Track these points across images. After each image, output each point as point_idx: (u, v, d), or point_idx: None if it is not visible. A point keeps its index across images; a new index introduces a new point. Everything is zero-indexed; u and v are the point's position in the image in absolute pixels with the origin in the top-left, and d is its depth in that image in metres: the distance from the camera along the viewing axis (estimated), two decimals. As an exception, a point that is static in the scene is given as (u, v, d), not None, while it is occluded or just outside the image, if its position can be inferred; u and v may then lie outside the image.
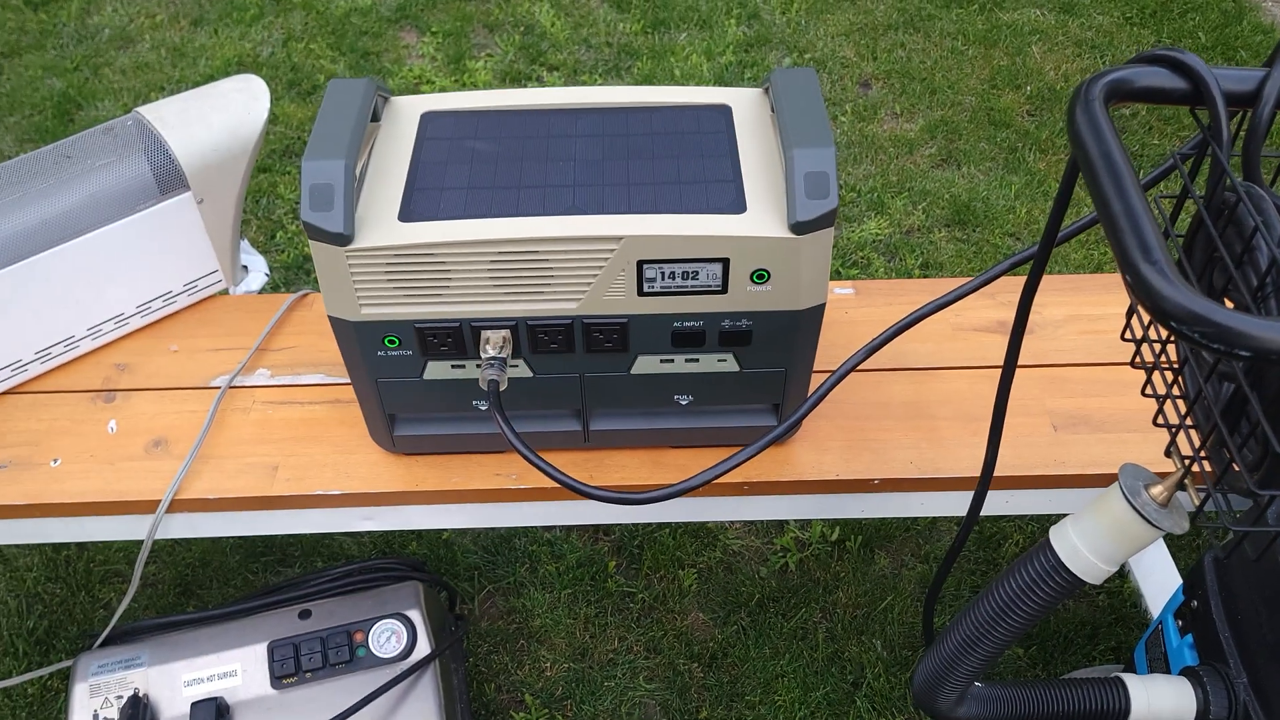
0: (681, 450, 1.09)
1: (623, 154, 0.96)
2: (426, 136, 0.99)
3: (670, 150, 0.97)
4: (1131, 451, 1.07)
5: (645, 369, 0.99)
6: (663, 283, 0.92)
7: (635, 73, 2.37)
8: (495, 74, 2.40)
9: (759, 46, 2.44)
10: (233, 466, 1.07)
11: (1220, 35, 2.40)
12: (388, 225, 0.90)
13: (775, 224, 0.89)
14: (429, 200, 0.92)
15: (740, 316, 0.95)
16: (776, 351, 0.98)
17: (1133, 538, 0.70)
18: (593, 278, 0.91)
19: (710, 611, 1.43)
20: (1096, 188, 0.60)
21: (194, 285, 1.22)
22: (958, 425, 1.10)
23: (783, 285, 0.92)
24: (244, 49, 2.45)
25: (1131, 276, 0.55)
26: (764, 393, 1.03)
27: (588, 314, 0.94)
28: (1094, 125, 0.62)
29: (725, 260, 0.90)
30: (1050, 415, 1.11)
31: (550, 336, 0.96)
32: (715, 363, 0.99)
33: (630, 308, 0.93)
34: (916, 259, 1.90)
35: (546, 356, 0.98)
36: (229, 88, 1.20)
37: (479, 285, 0.91)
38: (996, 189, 2.03)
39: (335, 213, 0.87)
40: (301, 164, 0.87)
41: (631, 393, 1.02)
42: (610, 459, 1.08)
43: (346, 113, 0.92)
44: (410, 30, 2.54)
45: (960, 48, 2.40)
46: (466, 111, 1.02)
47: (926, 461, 1.07)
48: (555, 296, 0.92)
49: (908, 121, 2.22)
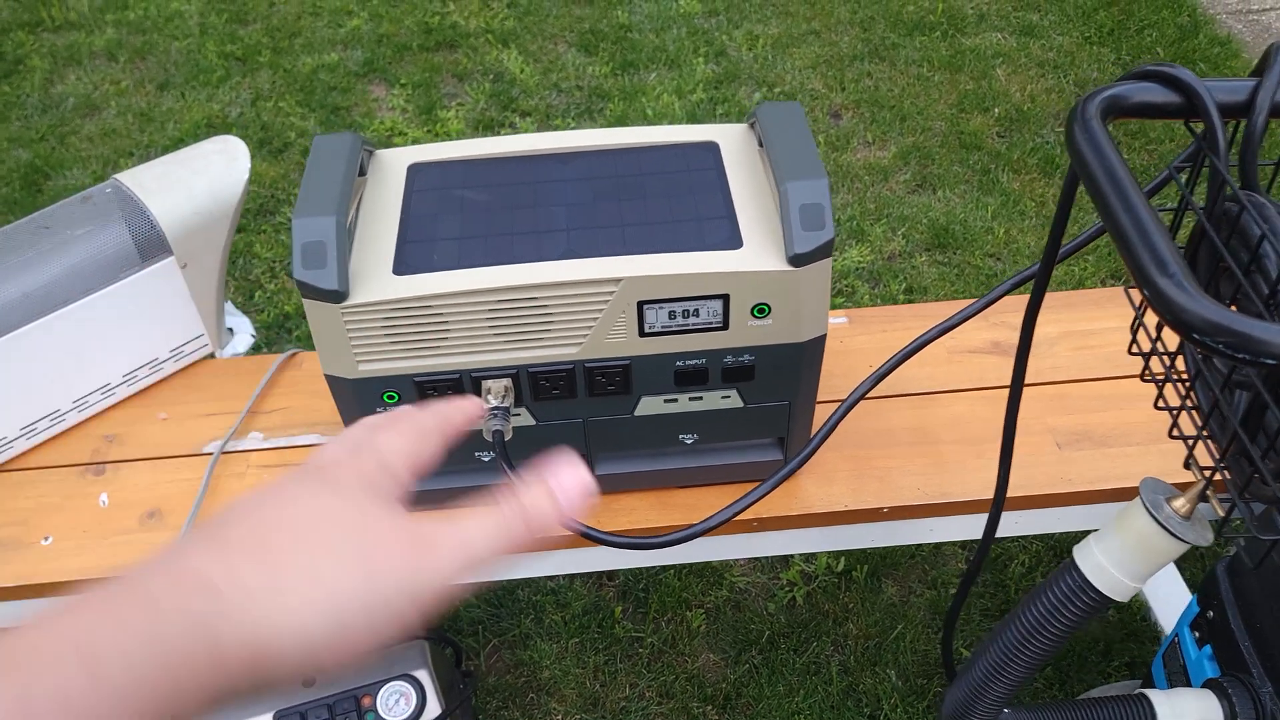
0: (688, 490, 1.08)
1: (614, 195, 0.96)
2: (415, 188, 0.98)
3: (661, 190, 0.96)
4: (1136, 465, 1.07)
5: (649, 410, 0.98)
6: (664, 322, 0.91)
7: (608, 114, 2.38)
8: (468, 122, 2.40)
9: (728, 83, 2.46)
10: (231, 534, 1.04)
11: (1178, 49, 2.45)
12: (382, 279, 0.88)
13: (773, 258, 0.88)
14: (422, 252, 0.91)
15: (742, 352, 0.94)
16: (780, 385, 0.98)
17: (1158, 552, 0.69)
18: (593, 321, 0.90)
19: (721, 651, 1.41)
20: (1104, 204, 0.60)
21: (180, 351, 1.20)
22: (962, 449, 1.10)
23: (783, 318, 0.91)
24: (212, 110, 2.45)
25: (1149, 291, 0.54)
26: (768, 427, 1.02)
27: (589, 358, 0.93)
28: (1094, 142, 0.62)
29: (725, 296, 0.90)
30: (1053, 433, 1.11)
31: (552, 383, 0.94)
32: (719, 399, 0.98)
33: (632, 349, 0.93)
34: (900, 284, 1.90)
35: (549, 403, 0.97)
36: (208, 150, 1.19)
37: (478, 335, 0.90)
38: (973, 211, 2.04)
39: (329, 270, 0.86)
40: (291, 222, 0.86)
41: (636, 435, 1.01)
42: (617, 503, 1.07)
43: (333, 168, 0.91)
44: (379, 83, 2.55)
45: (926, 74, 2.43)
46: (453, 161, 1.01)
47: (934, 487, 1.06)
48: (556, 342, 0.91)
49: (880, 149, 2.24)
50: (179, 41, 2.67)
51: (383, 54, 2.61)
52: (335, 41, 2.67)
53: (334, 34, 2.69)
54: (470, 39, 2.66)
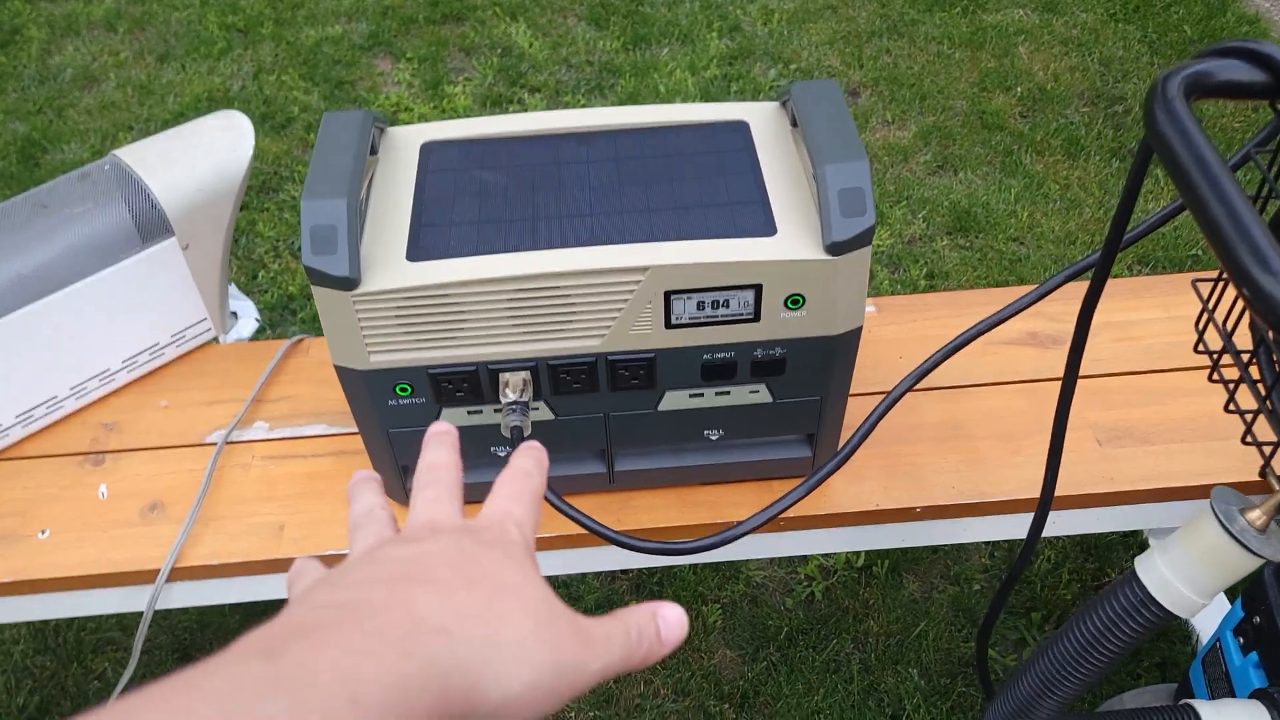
0: (711, 487, 1.04)
1: (640, 178, 0.91)
2: (429, 168, 0.93)
3: (689, 172, 0.91)
4: (1181, 463, 1.02)
5: (674, 405, 0.94)
6: (691, 313, 0.86)
7: (619, 91, 2.32)
8: (475, 98, 2.34)
9: (743, 59, 2.40)
10: (236, 528, 1.00)
11: (1206, 27, 2.38)
12: (395, 266, 0.84)
13: (809, 245, 0.83)
14: (438, 236, 0.86)
15: (774, 345, 0.89)
16: (811, 380, 0.93)
17: (1230, 567, 0.65)
18: (618, 312, 0.85)
19: (738, 648, 1.37)
20: (1193, 194, 0.55)
21: (182, 336, 1.16)
22: (997, 445, 1.05)
23: (818, 310, 0.87)
24: (213, 84, 2.39)
25: (1249, 289, 0.50)
26: (798, 423, 0.98)
27: (613, 350, 0.88)
28: (1179, 125, 0.57)
29: (758, 286, 0.85)
30: (1093, 429, 1.06)
31: (573, 376, 0.90)
32: (747, 394, 0.94)
33: (658, 342, 0.88)
34: (921, 269, 1.85)
35: (569, 398, 0.92)
36: (211, 125, 1.13)
37: (496, 325, 0.85)
38: (995, 194, 1.99)
39: (339, 255, 0.81)
40: (301, 204, 0.81)
41: (659, 430, 0.96)
42: (637, 500, 1.02)
43: (344, 147, 0.86)
44: (384, 57, 2.49)
45: (946, 51, 2.37)
46: (469, 140, 0.96)
47: (969, 485, 1.02)
48: (578, 334, 0.86)
49: (900, 129, 2.18)
50: (179, 12, 2.61)
51: (388, 26, 2.55)
52: (339, 13, 2.60)
53: (338, 5, 2.62)
54: (478, 11, 2.59)
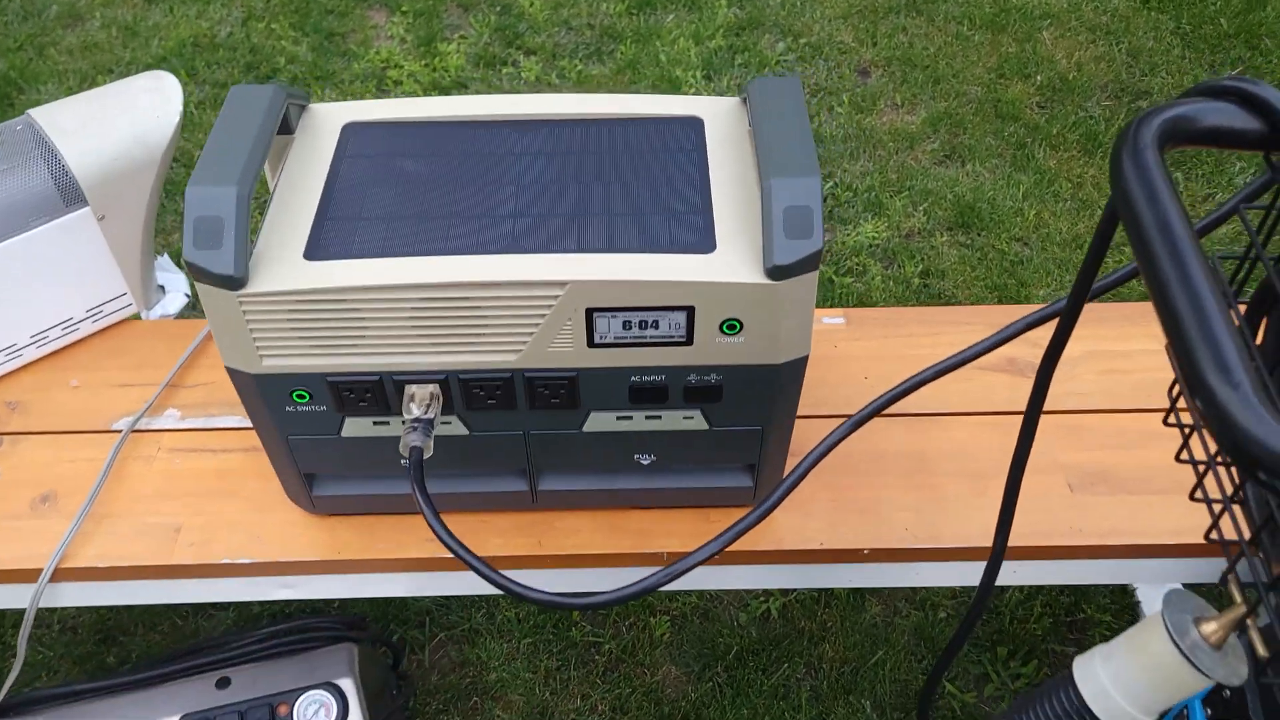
0: (644, 512, 0.96)
1: (576, 176, 0.82)
2: (347, 153, 0.85)
3: (631, 172, 0.82)
4: (1159, 518, 0.94)
5: (599, 427, 0.86)
6: (617, 333, 0.78)
7: (618, 57, 2.22)
8: (468, 58, 2.24)
9: (751, 29, 2.28)
10: (128, 528, 0.93)
11: (1243, 22, 2.25)
12: (290, 264, 0.75)
13: (748, 267, 0.75)
14: (342, 233, 0.78)
15: (708, 371, 0.81)
16: (752, 409, 0.85)
17: (1178, 685, 0.57)
18: (534, 327, 0.77)
19: (684, 664, 1.30)
20: (1152, 269, 0.46)
21: (99, 311, 1.08)
22: (961, 484, 0.97)
23: (758, 337, 0.78)
24: (200, 28, 2.29)
25: (1203, 402, 0.41)
26: (737, 453, 0.90)
27: (530, 367, 0.80)
28: (1147, 182, 0.48)
29: (690, 308, 0.76)
30: (1066, 471, 0.98)
31: (487, 392, 0.82)
32: (680, 420, 0.86)
33: (579, 360, 0.80)
34: (916, 266, 1.75)
35: (484, 413, 0.84)
36: (139, 87, 1.05)
37: (400, 334, 0.77)
38: (1003, 188, 1.88)
39: (224, 251, 0.73)
40: (185, 192, 0.73)
41: (584, 452, 0.88)
42: (562, 521, 0.95)
43: (245, 128, 0.78)
44: (379, 9, 2.38)
45: (966, 32, 2.24)
46: (397, 123, 0.87)
47: (925, 527, 0.94)
48: (491, 348, 0.78)
49: (909, 113, 2.07)
50: (171, -50, 2.51)
51: (386, -24, 2.44)
52: (337, -41, 2.50)
53: (336, -49, 2.52)
54: (480, -35, 2.48)
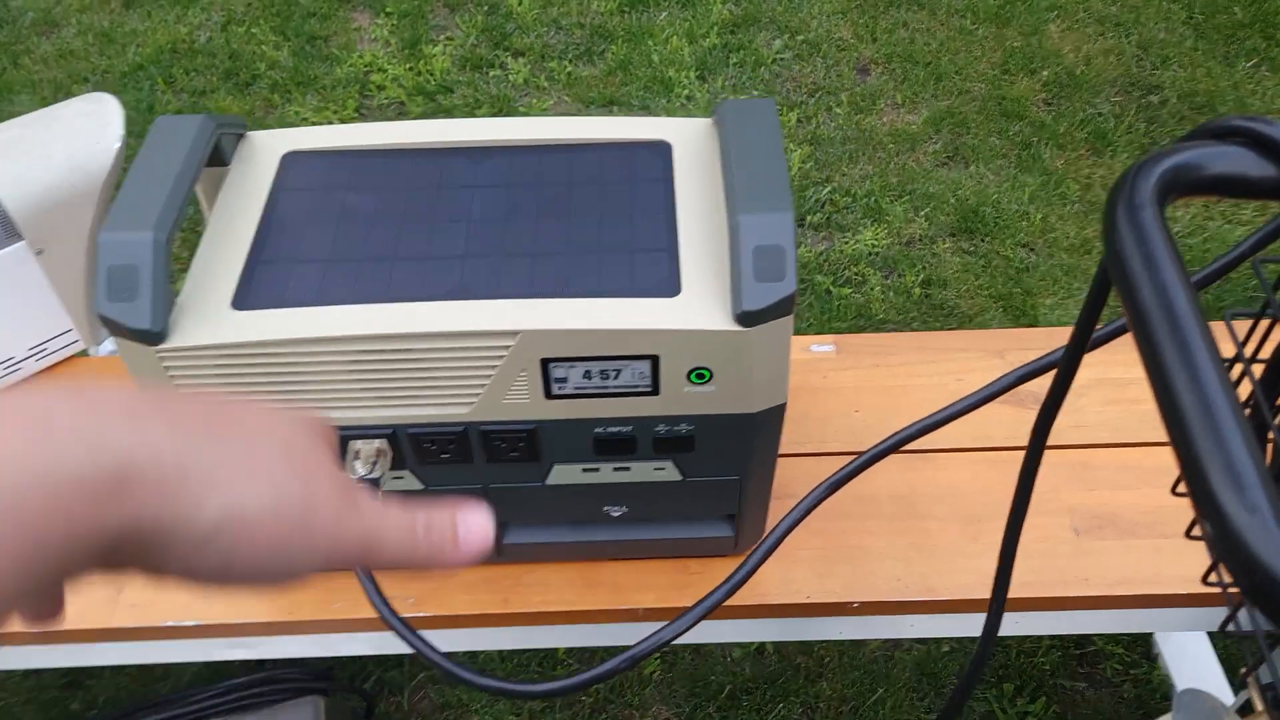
0: (618, 563, 0.90)
1: (531, 211, 0.76)
2: (285, 186, 0.78)
3: (591, 205, 0.76)
4: (1168, 563, 0.87)
5: (564, 479, 0.79)
6: (576, 383, 0.72)
7: (609, 58, 2.15)
8: (454, 60, 2.17)
9: (747, 27, 2.21)
10: (67, 588, 0.87)
11: (1258, 10, 2.16)
12: (216, 314, 0.69)
13: (715, 313, 0.68)
14: (274, 278, 0.72)
15: (678, 421, 0.75)
16: (727, 458, 0.78)
17: (1193, 799, 0.50)
18: (486, 379, 0.70)
19: (674, 705, 1.24)
20: (1152, 355, 0.39)
21: (43, 349, 1.02)
22: (956, 528, 0.90)
23: (729, 385, 0.72)
24: (178, 34, 2.23)
25: (1214, 526, 0.34)
26: (715, 503, 0.83)
27: (484, 420, 0.74)
28: (1146, 247, 0.41)
29: (654, 358, 0.70)
30: (1071, 514, 0.91)
31: (439, 446, 0.76)
32: (651, 471, 0.79)
33: (537, 412, 0.73)
34: (917, 275, 1.68)
35: (438, 468, 0.78)
36: (75, 111, 0.99)
37: (340, 389, 0.71)
38: (1008, 191, 1.81)
39: (140, 303, 0.67)
40: (98, 238, 0.67)
41: (550, 505, 0.82)
42: (530, 575, 0.89)
43: (166, 165, 0.72)
44: (364, 10, 2.32)
45: (969, 27, 2.16)
46: (339, 151, 0.81)
47: (917, 577, 0.87)
48: (441, 401, 0.72)
49: (910, 113, 1.99)
50: (150, -47, 2.45)
51: (370, -24, 2.37)
52: (320, -41, 2.43)
53: (320, -50, 2.45)
54: (467, -37, 2.41)
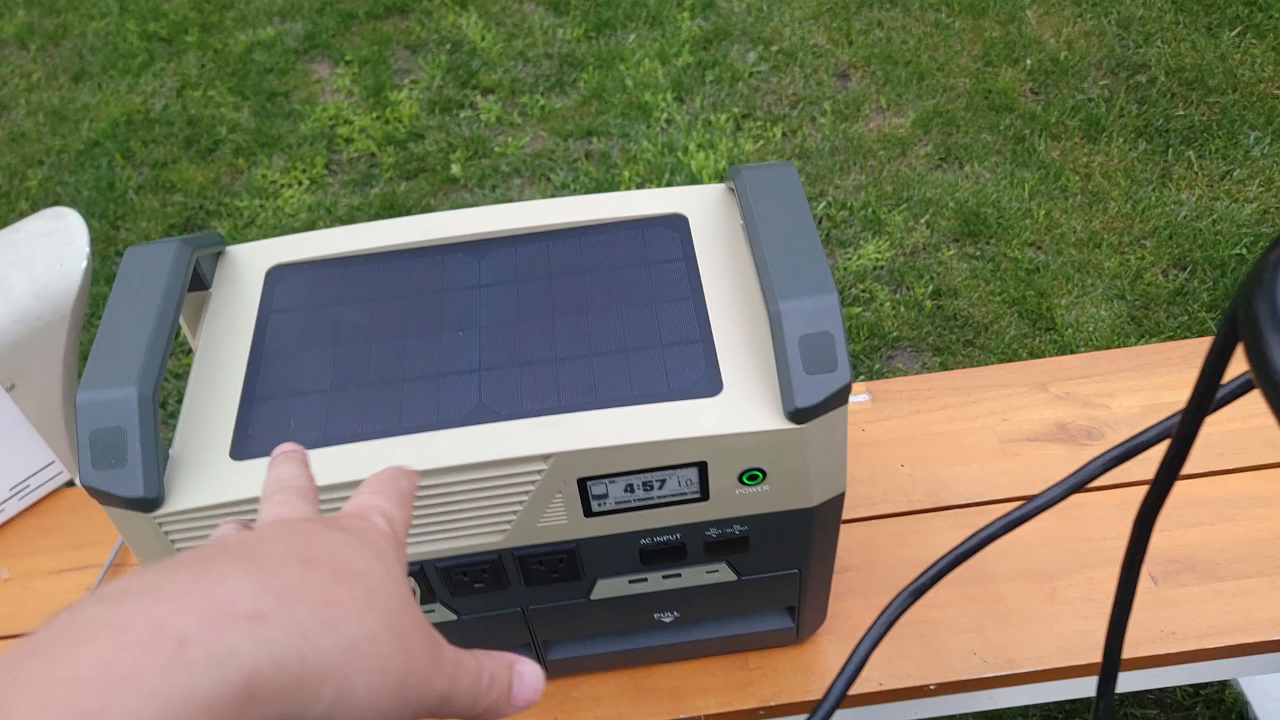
0: (672, 665, 0.83)
1: (545, 308, 0.69)
2: (273, 307, 0.72)
3: (610, 296, 0.70)
4: (1258, 606, 0.81)
5: (609, 593, 0.73)
6: (618, 498, 0.65)
7: (582, 87, 2.08)
8: (422, 104, 2.10)
9: (718, 41, 2.15)
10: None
11: (1237, -24, 2.11)
12: (215, 468, 0.63)
13: (764, 411, 0.62)
14: (274, 417, 0.65)
15: (731, 523, 0.68)
16: (785, 554, 0.72)
17: None
18: (519, 504, 0.64)
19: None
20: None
21: (25, 486, 0.95)
22: (1026, 588, 0.84)
23: (784, 483, 0.65)
24: (133, 104, 2.15)
25: None
26: (773, 598, 0.77)
27: (519, 545, 0.67)
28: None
29: (701, 464, 0.63)
30: (1147, 561, 0.85)
31: (472, 576, 0.69)
32: (704, 574, 0.73)
33: (577, 532, 0.67)
34: (926, 286, 1.63)
35: (472, 597, 0.71)
36: (34, 232, 0.92)
37: (358, 532, 0.64)
38: (1007, 189, 1.75)
39: (130, 469, 0.60)
40: (76, 400, 0.60)
41: (596, 619, 0.76)
42: (580, 688, 0.82)
43: (143, 306, 0.65)
44: (322, 61, 2.24)
45: (945, 20, 2.11)
46: (328, 260, 0.74)
47: (994, 650, 0.81)
48: (470, 532, 0.65)
49: (896, 115, 1.94)
50: (96, 22, 2.37)
51: (325, 25, 2.30)
52: (271, 12, 2.36)
53: (269, 3, 2.38)
54: (423, 1, 2.34)
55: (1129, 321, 1.53)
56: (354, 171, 1.99)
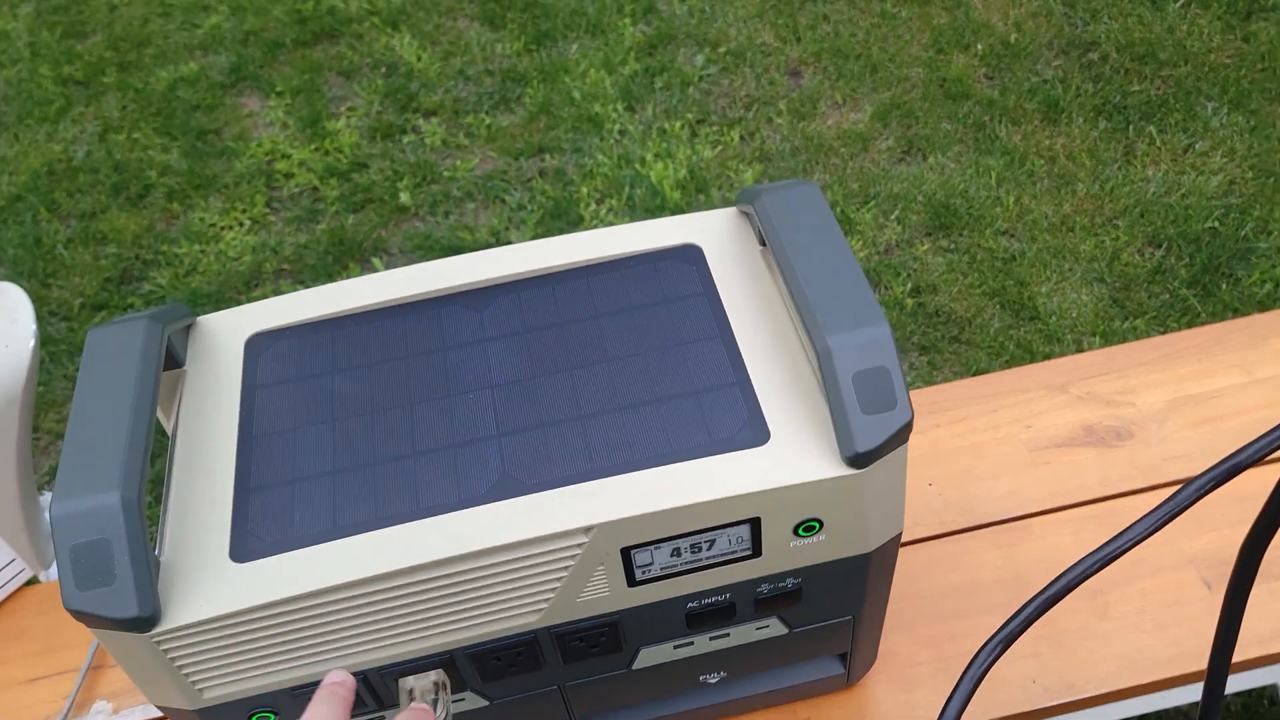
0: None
1: (560, 362, 0.63)
2: (258, 382, 0.65)
3: (630, 341, 0.64)
4: (1318, 601, 0.78)
5: (654, 660, 0.67)
6: (664, 563, 0.59)
7: (527, 103, 2.02)
8: (362, 132, 2.02)
9: (664, 46, 2.10)
10: None
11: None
12: (215, 574, 0.56)
13: (820, 457, 0.57)
14: (275, 510, 0.58)
15: (784, 577, 0.63)
16: (839, 601, 0.67)
17: None
18: (557, 582, 0.58)
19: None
20: None
21: (-16, 591, 0.87)
22: (1079, 606, 0.80)
23: (842, 531, 0.60)
24: (53, 153, 2.04)
25: None
26: (824, 647, 0.72)
27: (557, 623, 0.61)
28: None
29: (754, 520, 0.58)
30: (1195, 565, 0.82)
31: (506, 660, 0.63)
32: (754, 632, 0.67)
33: (620, 603, 0.61)
34: (905, 284, 1.59)
35: (505, 681, 0.65)
36: (-29, 311, 0.83)
37: (379, 629, 0.58)
38: (974, 178, 1.73)
39: (120, 586, 0.53)
40: (49, 514, 0.53)
41: (637, 688, 0.70)
42: (619, 759, 0.76)
43: (116, 396, 0.58)
44: (251, 94, 2.15)
45: (891, 10, 2.08)
46: (312, 324, 0.68)
47: (1053, 676, 0.77)
48: (504, 615, 0.59)
49: (853, 110, 1.90)
50: (6, 69, 2.24)
51: (251, 56, 2.20)
52: (192, 46, 2.25)
53: (190, 37, 2.27)
54: (353, 25, 2.25)
55: (1111, 304, 1.51)
56: (297, 207, 1.90)
